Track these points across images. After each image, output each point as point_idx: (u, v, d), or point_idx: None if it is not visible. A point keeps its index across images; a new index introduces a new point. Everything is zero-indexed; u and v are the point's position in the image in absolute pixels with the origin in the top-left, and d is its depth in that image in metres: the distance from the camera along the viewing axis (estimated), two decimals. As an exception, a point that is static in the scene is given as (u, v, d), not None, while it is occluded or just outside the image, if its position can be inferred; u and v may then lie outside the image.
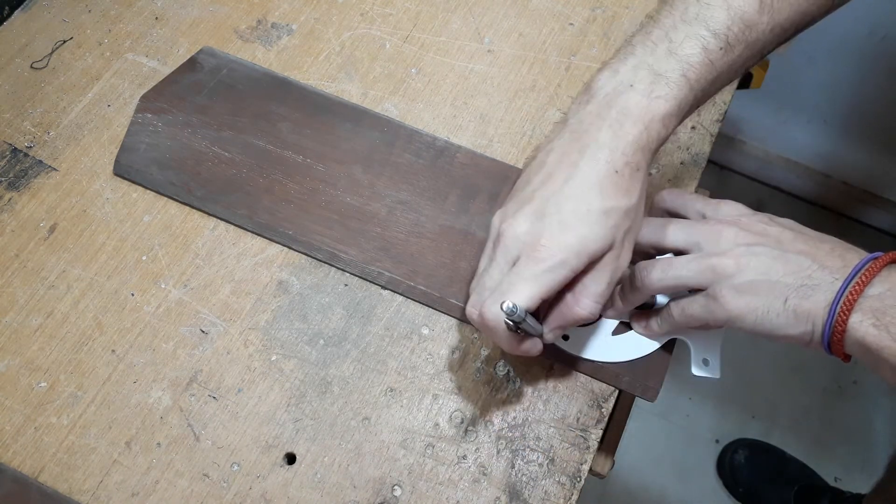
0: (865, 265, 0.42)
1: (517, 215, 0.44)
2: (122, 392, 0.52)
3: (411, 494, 0.49)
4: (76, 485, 0.49)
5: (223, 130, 0.61)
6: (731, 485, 1.27)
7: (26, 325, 0.54)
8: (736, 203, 0.49)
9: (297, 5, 0.69)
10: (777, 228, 0.46)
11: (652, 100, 0.44)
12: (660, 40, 0.45)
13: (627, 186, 0.44)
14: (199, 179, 0.59)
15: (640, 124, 0.44)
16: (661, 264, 0.47)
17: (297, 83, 0.64)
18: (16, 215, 0.58)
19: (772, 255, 0.44)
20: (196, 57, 0.64)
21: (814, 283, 0.43)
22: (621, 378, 0.52)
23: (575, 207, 0.43)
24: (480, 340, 0.54)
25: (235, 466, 0.50)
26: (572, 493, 0.49)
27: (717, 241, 0.46)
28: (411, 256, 0.56)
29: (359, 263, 0.56)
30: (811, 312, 0.43)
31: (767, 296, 0.44)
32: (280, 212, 0.57)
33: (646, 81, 0.44)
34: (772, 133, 1.45)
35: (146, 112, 0.61)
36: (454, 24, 0.69)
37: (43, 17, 0.68)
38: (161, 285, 0.56)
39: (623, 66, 0.45)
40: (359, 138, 0.61)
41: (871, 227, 1.51)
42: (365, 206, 0.58)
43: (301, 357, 0.53)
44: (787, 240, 0.45)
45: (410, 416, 0.52)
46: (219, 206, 0.58)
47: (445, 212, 0.58)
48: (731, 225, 0.46)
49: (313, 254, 0.56)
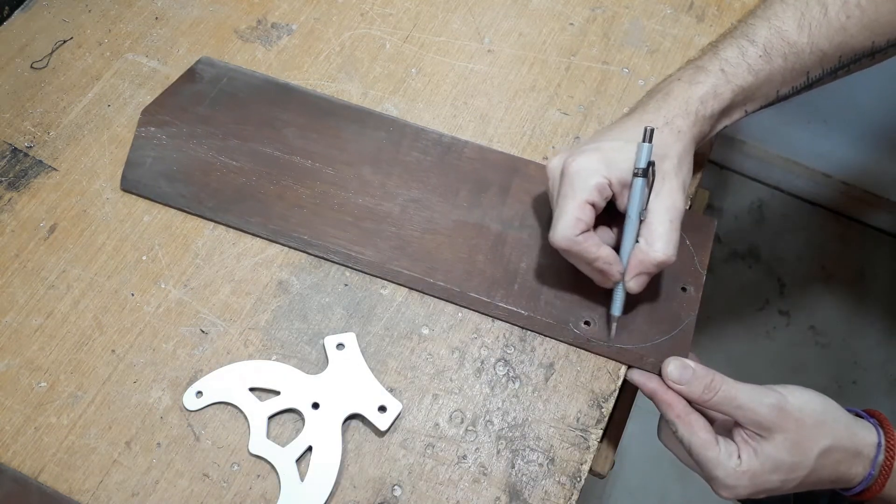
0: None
1: (574, 153, 0.50)
2: (122, 392, 0.52)
3: (411, 494, 0.49)
4: (76, 485, 0.49)
5: (229, 139, 0.61)
6: (731, 485, 1.27)
7: (26, 325, 0.54)
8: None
9: (297, 5, 0.69)
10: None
11: (692, 85, 0.52)
12: (708, 50, 0.55)
13: (666, 140, 0.50)
14: (209, 190, 0.58)
15: (679, 99, 0.52)
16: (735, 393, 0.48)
17: (299, 88, 0.64)
18: (16, 215, 0.58)
19: None
20: (195, 68, 0.64)
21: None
22: (645, 359, 0.52)
23: (613, 143, 0.50)
24: (480, 339, 0.54)
25: (235, 466, 0.50)
26: (572, 493, 0.49)
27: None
28: (428, 253, 0.56)
29: (376, 264, 0.56)
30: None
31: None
32: (293, 217, 0.57)
33: (689, 73, 0.53)
34: (772, 133, 1.45)
35: (149, 126, 0.61)
36: (454, 24, 0.69)
37: (43, 17, 0.68)
38: (161, 285, 0.56)
39: (678, 71, 0.55)
40: (365, 139, 0.61)
41: (871, 227, 1.51)
42: (377, 206, 0.58)
43: (301, 357, 0.53)
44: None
45: (410, 416, 0.52)
46: (231, 216, 0.58)
47: (458, 207, 0.58)
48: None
49: (330, 257, 0.56)
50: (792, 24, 0.52)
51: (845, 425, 0.48)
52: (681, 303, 0.54)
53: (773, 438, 0.46)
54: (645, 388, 0.51)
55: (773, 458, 0.46)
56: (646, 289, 0.52)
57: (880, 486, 0.48)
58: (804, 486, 0.48)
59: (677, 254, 0.49)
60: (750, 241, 1.51)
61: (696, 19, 0.69)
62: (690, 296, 0.54)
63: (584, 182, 0.48)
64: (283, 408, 0.51)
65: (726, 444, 0.48)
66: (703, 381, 0.48)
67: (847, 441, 0.47)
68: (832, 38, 0.52)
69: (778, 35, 0.52)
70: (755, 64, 0.52)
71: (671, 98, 0.52)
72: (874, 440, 0.48)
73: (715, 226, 0.58)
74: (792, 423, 0.46)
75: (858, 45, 0.53)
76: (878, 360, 1.39)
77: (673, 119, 0.51)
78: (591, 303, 0.54)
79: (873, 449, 0.48)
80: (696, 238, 0.57)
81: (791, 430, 0.46)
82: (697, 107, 0.51)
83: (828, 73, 0.54)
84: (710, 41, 0.57)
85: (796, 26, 0.52)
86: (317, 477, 0.49)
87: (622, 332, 0.53)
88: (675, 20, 0.69)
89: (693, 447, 0.48)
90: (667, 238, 0.48)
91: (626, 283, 0.50)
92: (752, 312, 1.44)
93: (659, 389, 0.50)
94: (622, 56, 0.67)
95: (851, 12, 0.51)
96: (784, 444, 0.46)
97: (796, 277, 1.48)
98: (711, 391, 0.47)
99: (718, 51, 0.53)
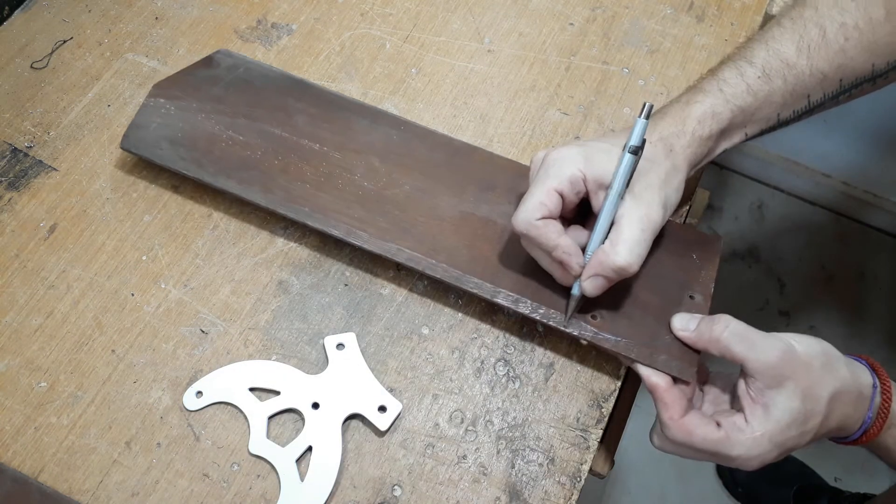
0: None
1: (559, 146, 0.50)
2: (122, 392, 0.52)
3: (411, 494, 0.49)
4: (76, 485, 0.49)
5: (238, 118, 0.60)
6: (730, 485, 1.27)
7: (26, 325, 0.54)
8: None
9: (297, 5, 0.69)
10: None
11: (689, 104, 0.52)
12: (707, 75, 0.54)
13: (657, 154, 0.50)
14: (212, 157, 0.58)
15: (676, 118, 0.51)
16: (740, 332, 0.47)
17: (315, 84, 0.63)
18: (16, 215, 0.58)
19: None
20: (213, 56, 0.64)
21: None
22: (657, 357, 0.50)
23: (599, 143, 0.50)
24: (480, 339, 0.54)
25: (235, 466, 0.50)
26: (572, 493, 0.49)
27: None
28: (432, 237, 0.55)
29: (377, 240, 0.55)
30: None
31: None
32: (295, 190, 0.57)
33: (686, 95, 0.53)
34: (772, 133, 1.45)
35: (158, 97, 0.61)
36: (454, 24, 0.69)
37: (43, 17, 0.68)
38: (161, 285, 0.56)
39: (679, 93, 0.55)
40: (375, 133, 0.61)
41: (871, 227, 1.51)
42: (383, 190, 0.57)
43: (301, 357, 0.53)
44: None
45: (410, 415, 0.52)
46: (232, 182, 0.57)
47: (465, 201, 0.58)
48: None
49: (329, 230, 0.55)
50: (790, 47, 0.52)
51: (847, 367, 0.47)
52: (689, 308, 0.53)
53: (785, 386, 0.45)
54: (649, 380, 0.49)
55: (787, 410, 0.45)
56: (656, 294, 0.51)
57: (878, 429, 0.47)
58: (819, 436, 0.46)
59: (686, 261, 0.49)
60: (750, 241, 1.51)
61: (696, 19, 0.69)
62: (698, 303, 0.54)
63: (558, 170, 0.48)
64: (283, 408, 0.51)
65: (728, 420, 0.46)
66: (710, 328, 0.47)
67: (851, 383, 0.47)
68: (832, 60, 0.52)
69: (776, 56, 0.52)
70: (754, 84, 0.52)
71: (667, 117, 0.51)
72: (871, 381, 0.48)
73: (721, 244, 0.57)
74: (801, 368, 0.45)
75: (859, 68, 0.52)
76: (878, 360, 1.37)
77: (667, 137, 0.50)
78: (597, 299, 0.53)
79: (871, 390, 0.47)
80: (703, 254, 0.56)
81: (801, 376, 0.45)
82: (694, 126, 0.51)
83: (829, 97, 0.54)
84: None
85: (795, 48, 0.52)
86: (317, 477, 0.49)
87: (633, 327, 0.52)
88: (674, 20, 0.69)
89: (696, 445, 0.46)
90: (632, 245, 0.47)
91: (582, 283, 0.49)
92: (752, 312, 1.44)
93: (661, 386, 0.48)
94: (622, 56, 0.67)
95: (850, 34, 0.51)
96: (796, 391, 0.45)
97: (796, 277, 1.48)
98: (719, 332, 0.47)
99: (717, 73, 0.53)
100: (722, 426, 0.46)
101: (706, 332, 0.48)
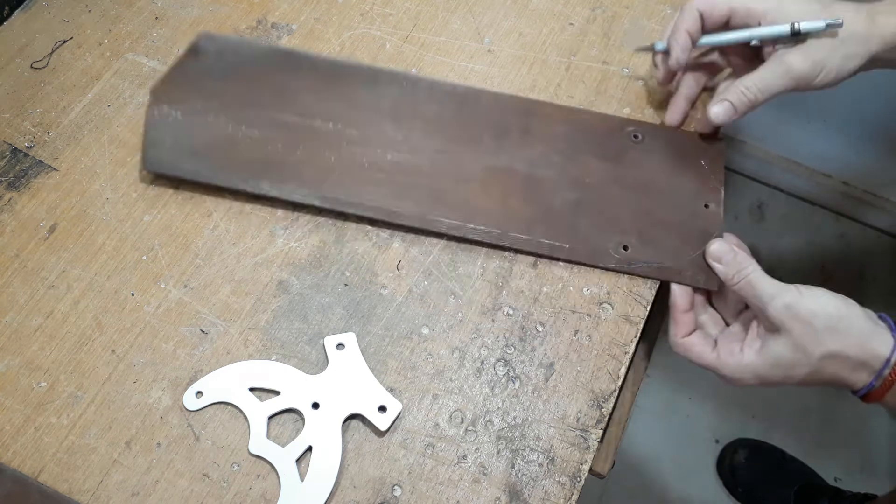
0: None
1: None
2: (122, 392, 0.52)
3: (411, 494, 0.49)
4: (76, 485, 0.49)
5: (245, 110, 0.60)
6: (731, 485, 1.27)
7: (26, 325, 0.54)
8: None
9: (297, 5, 0.69)
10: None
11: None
12: None
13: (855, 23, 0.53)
14: (237, 163, 0.58)
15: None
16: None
17: (303, 52, 0.64)
18: (16, 215, 0.58)
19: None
20: (197, 44, 0.63)
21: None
22: (684, 273, 0.55)
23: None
24: (480, 339, 0.54)
25: (235, 466, 0.50)
26: (572, 493, 0.49)
27: None
28: (465, 202, 0.57)
29: (417, 216, 0.57)
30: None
31: None
32: (326, 179, 0.58)
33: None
34: (772, 133, 1.45)
35: (161, 104, 0.60)
36: (454, 24, 0.69)
37: (43, 17, 0.68)
38: (161, 285, 0.56)
39: None
40: (381, 97, 0.61)
41: (871, 227, 1.51)
42: (407, 161, 0.59)
43: (301, 357, 0.53)
44: None
45: (410, 415, 0.52)
46: (266, 184, 0.57)
47: (484, 153, 0.59)
48: None
49: (368, 214, 0.57)
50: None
51: (858, 335, 0.48)
52: (706, 219, 0.57)
53: (779, 336, 0.49)
54: (674, 299, 0.54)
55: (774, 355, 0.50)
56: (674, 211, 0.57)
57: (879, 396, 0.49)
58: (806, 384, 0.51)
59: (695, 170, 0.56)
60: (750, 241, 1.51)
61: (696, 19, 0.69)
62: (713, 211, 0.58)
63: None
64: (283, 408, 0.51)
65: (725, 345, 0.52)
66: (736, 268, 0.52)
67: (855, 350, 0.48)
68: None
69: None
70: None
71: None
72: (885, 354, 0.48)
73: (725, 148, 0.61)
74: (798, 325, 0.49)
75: None
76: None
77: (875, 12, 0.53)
78: (624, 228, 0.57)
79: (881, 363, 0.48)
80: (709, 159, 0.60)
81: (796, 331, 0.49)
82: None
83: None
84: None
85: None
86: (317, 477, 0.49)
87: (660, 250, 0.56)
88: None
89: (694, 360, 0.54)
90: (760, 86, 0.54)
91: (710, 108, 0.56)
92: (752, 312, 1.43)
93: (679, 308, 0.54)
94: (622, 56, 0.67)
95: None
96: (787, 343, 0.49)
97: (796, 277, 1.47)
98: (739, 277, 0.52)
99: None
100: (717, 348, 0.53)
101: (727, 274, 0.53)
